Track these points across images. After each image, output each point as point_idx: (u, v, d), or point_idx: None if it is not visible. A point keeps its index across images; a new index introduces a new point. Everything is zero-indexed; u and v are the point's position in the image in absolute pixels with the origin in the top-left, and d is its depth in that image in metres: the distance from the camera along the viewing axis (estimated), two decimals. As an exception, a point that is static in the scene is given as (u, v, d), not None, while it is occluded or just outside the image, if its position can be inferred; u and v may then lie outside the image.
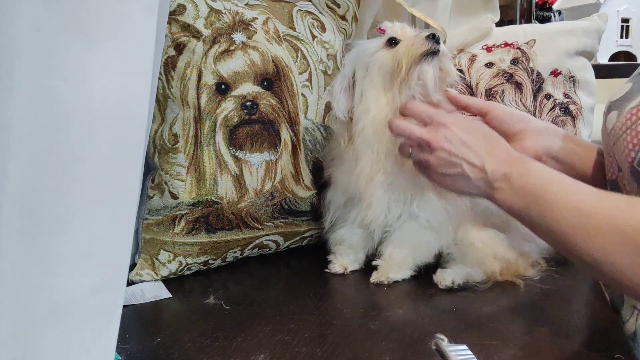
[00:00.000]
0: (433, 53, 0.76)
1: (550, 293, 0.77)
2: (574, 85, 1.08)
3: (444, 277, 0.79)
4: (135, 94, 0.44)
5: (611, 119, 0.70)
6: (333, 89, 0.82)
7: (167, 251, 0.84)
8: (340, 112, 0.80)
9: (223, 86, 0.85)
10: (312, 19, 1.01)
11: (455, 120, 0.71)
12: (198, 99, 0.84)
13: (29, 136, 0.39)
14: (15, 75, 0.39)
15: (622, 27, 1.97)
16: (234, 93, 0.86)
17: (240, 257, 0.91)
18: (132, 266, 0.84)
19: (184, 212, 0.84)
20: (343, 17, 1.08)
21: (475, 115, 0.80)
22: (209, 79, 0.84)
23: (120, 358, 0.60)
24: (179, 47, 0.84)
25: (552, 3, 1.90)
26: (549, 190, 0.61)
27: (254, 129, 0.86)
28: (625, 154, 0.64)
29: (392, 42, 0.79)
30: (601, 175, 0.73)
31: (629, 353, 0.59)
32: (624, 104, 0.68)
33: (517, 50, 1.10)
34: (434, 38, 0.76)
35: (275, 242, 0.92)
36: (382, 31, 0.81)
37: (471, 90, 1.09)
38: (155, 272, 0.83)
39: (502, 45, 1.12)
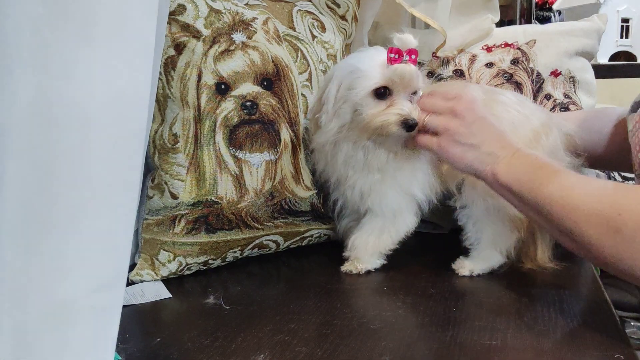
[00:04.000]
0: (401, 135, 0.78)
1: (550, 293, 0.77)
2: (574, 85, 1.08)
3: (463, 266, 0.84)
4: (135, 94, 0.44)
5: (631, 118, 0.75)
6: (328, 96, 0.81)
7: (167, 251, 0.84)
8: (324, 121, 0.82)
9: (223, 86, 0.85)
10: (312, 19, 1.01)
11: (477, 99, 0.77)
12: (198, 99, 0.84)
13: (29, 136, 0.39)
14: (15, 75, 0.39)
15: (622, 27, 1.97)
16: (233, 93, 0.86)
17: (240, 257, 0.91)
18: (132, 266, 0.84)
19: (183, 212, 0.84)
20: (343, 17, 1.08)
21: None
22: (209, 79, 0.84)
23: (120, 358, 0.60)
24: (179, 47, 0.84)
25: (552, 3, 1.90)
26: (541, 168, 0.69)
27: (254, 129, 0.86)
28: (634, 154, 0.68)
29: (381, 92, 0.77)
30: None
31: (629, 353, 0.59)
32: None
33: (517, 50, 1.10)
34: (409, 127, 0.76)
35: (275, 242, 0.92)
36: (389, 61, 0.77)
37: (471, 91, 1.08)
38: (155, 272, 0.83)
39: (502, 46, 1.12)
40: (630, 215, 0.59)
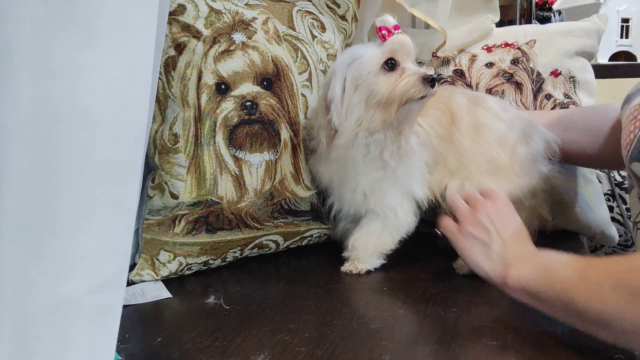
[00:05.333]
0: (424, 96, 0.78)
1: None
2: (574, 85, 1.08)
3: (463, 265, 0.84)
4: (135, 94, 0.44)
5: (623, 111, 0.74)
6: (334, 98, 0.79)
7: (167, 251, 0.84)
8: (338, 118, 0.79)
9: (223, 86, 0.85)
10: (312, 19, 1.01)
11: (505, 203, 0.78)
12: (198, 99, 0.84)
13: (29, 136, 0.39)
14: (16, 75, 0.39)
15: (622, 27, 1.97)
16: (233, 93, 0.86)
17: (240, 257, 0.91)
18: (132, 266, 0.84)
19: (184, 212, 0.84)
20: (343, 17, 1.08)
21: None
22: (209, 79, 0.84)
23: (120, 358, 0.60)
24: (179, 47, 0.84)
25: (552, 3, 1.89)
26: (555, 260, 0.65)
27: (254, 129, 0.87)
28: (622, 148, 0.67)
29: (390, 64, 0.78)
30: None
31: (628, 353, 0.59)
32: (633, 99, 0.71)
33: (518, 50, 1.10)
34: (431, 82, 0.76)
35: (275, 242, 0.92)
36: (383, 38, 0.79)
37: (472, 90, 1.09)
38: (155, 272, 0.83)
39: (503, 46, 1.12)
40: None
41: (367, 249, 0.87)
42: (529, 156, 0.87)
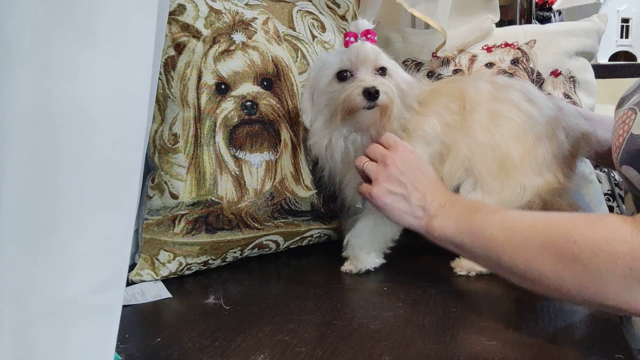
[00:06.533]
0: (370, 107, 0.78)
1: (550, 293, 0.77)
2: (574, 85, 1.08)
3: (461, 266, 0.84)
4: (135, 94, 0.44)
5: (617, 114, 0.73)
6: (303, 99, 0.85)
7: (167, 251, 0.84)
8: (307, 121, 0.85)
9: (223, 86, 0.85)
10: (312, 19, 1.01)
11: (408, 150, 0.78)
12: (198, 99, 0.84)
13: (29, 136, 0.39)
14: (15, 75, 0.39)
15: (622, 27, 1.97)
16: (233, 93, 0.86)
17: (240, 257, 0.91)
18: (132, 266, 0.84)
19: (183, 212, 0.84)
20: (343, 17, 1.08)
21: None
22: (209, 79, 0.84)
23: (120, 358, 0.60)
24: (179, 47, 0.84)
25: (552, 3, 1.89)
26: (477, 212, 0.66)
27: (254, 129, 0.87)
28: (612, 151, 0.67)
29: (343, 75, 0.80)
30: None
31: (629, 353, 0.59)
32: (626, 102, 0.71)
33: (518, 50, 1.10)
34: (369, 95, 0.77)
35: (275, 242, 0.92)
36: (346, 45, 0.80)
37: (471, 91, 1.08)
38: (155, 272, 0.83)
39: (503, 46, 1.12)
40: (585, 242, 0.54)
41: (362, 245, 0.87)
42: (551, 152, 0.82)
